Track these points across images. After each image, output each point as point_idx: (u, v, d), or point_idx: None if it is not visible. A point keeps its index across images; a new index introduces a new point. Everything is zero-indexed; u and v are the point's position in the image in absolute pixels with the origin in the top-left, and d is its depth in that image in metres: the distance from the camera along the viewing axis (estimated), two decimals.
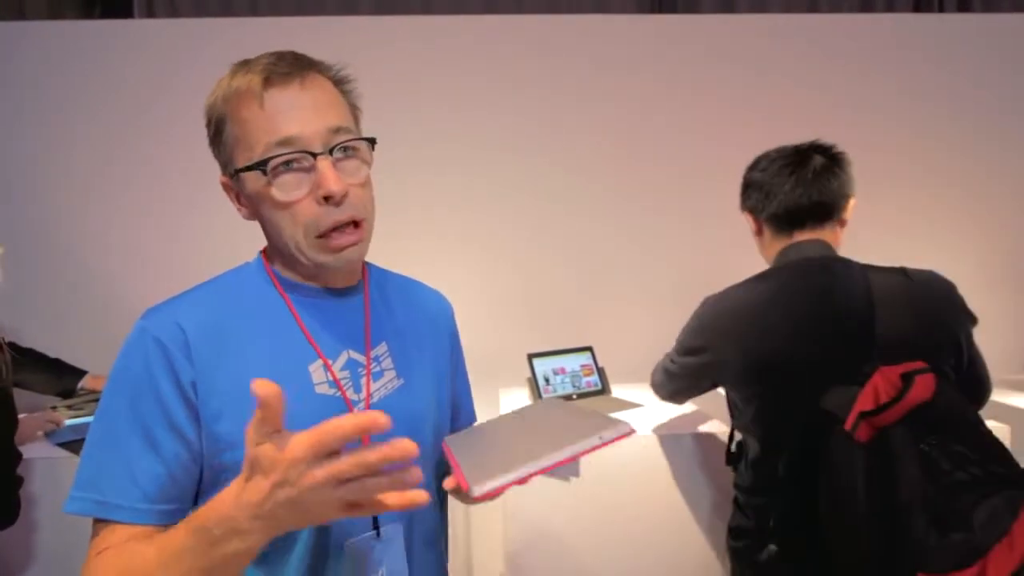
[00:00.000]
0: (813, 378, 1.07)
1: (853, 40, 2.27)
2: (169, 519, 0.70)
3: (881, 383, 1.00)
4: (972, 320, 1.16)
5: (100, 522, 0.69)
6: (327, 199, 0.71)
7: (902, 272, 1.13)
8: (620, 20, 2.29)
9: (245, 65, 0.74)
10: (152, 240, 2.18)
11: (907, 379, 0.98)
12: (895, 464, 0.96)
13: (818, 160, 1.19)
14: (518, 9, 2.42)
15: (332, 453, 0.52)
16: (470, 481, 0.58)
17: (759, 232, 1.27)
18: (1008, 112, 2.29)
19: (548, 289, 2.26)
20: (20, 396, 1.75)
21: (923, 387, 0.98)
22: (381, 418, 0.50)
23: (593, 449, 0.58)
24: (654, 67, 2.24)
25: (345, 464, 0.51)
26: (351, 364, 0.79)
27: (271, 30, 2.16)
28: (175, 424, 0.70)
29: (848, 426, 0.99)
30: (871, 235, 2.21)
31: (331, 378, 0.77)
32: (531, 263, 2.26)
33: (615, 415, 1.64)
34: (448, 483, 0.69)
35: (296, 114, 0.71)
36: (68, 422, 1.70)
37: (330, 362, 0.77)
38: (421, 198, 2.19)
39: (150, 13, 2.43)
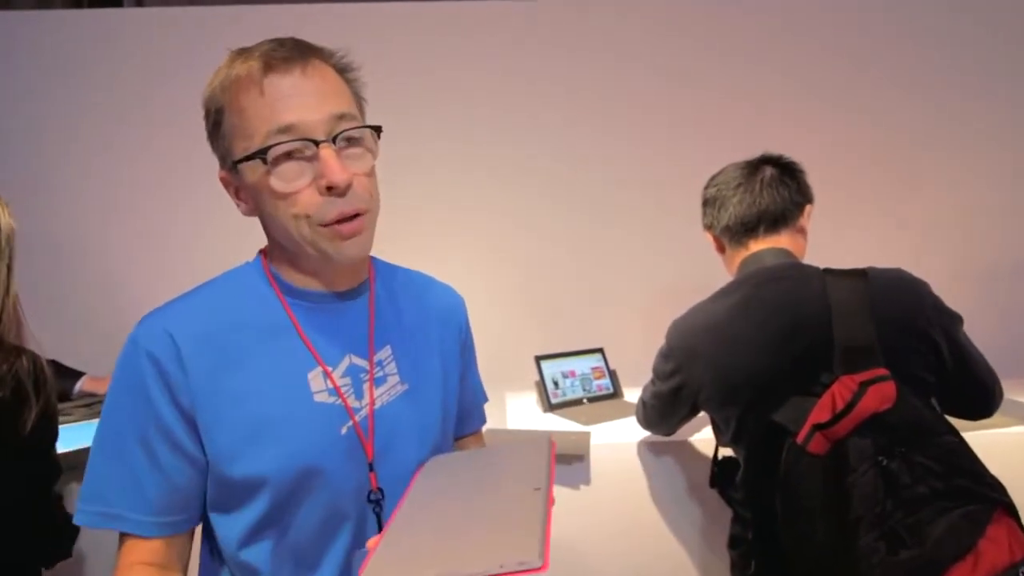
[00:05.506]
0: (779, 392, 1.08)
1: (868, 31, 2.24)
2: (175, 530, 0.75)
3: (839, 393, 0.99)
4: (952, 319, 1.15)
5: (123, 534, 0.75)
6: (330, 189, 0.71)
7: (862, 274, 1.12)
8: (633, 5, 2.26)
9: (244, 52, 0.74)
10: (145, 236, 2.19)
11: (865, 388, 0.98)
12: (848, 478, 0.96)
13: (768, 171, 1.26)
14: None
15: None
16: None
17: (720, 248, 1.34)
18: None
19: (557, 288, 2.24)
20: None
21: (877, 396, 0.97)
22: None
23: None
24: (665, 59, 2.22)
25: None
26: (353, 370, 0.80)
27: (264, 19, 2.16)
28: (175, 441, 0.73)
29: (800, 439, 0.99)
30: (885, 232, 2.24)
31: (331, 385, 0.78)
32: (539, 260, 2.24)
33: (623, 421, 1.70)
34: (370, 542, 0.68)
35: (298, 100, 0.71)
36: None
37: (330, 369, 0.78)
38: (423, 194, 2.18)
39: (138, 2, 2.42)
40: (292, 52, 0.72)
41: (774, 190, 1.25)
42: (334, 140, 0.71)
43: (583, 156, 2.23)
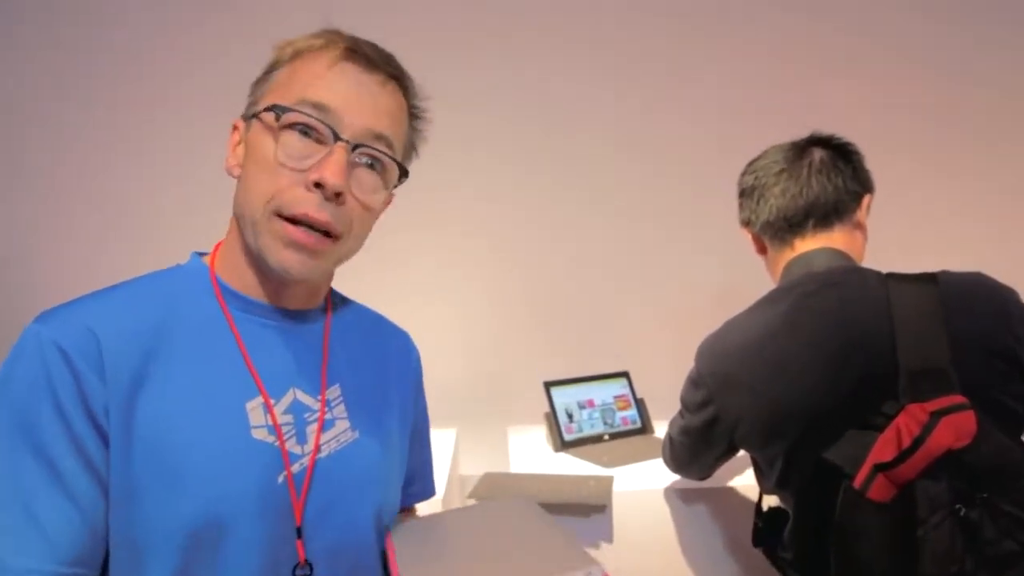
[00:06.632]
0: (832, 425, 1.00)
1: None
2: None
3: (906, 425, 0.91)
4: None
5: None
6: (317, 186, 0.69)
7: (932, 279, 1.03)
8: None
9: (338, 33, 0.76)
10: (80, 241, 2.04)
11: (937, 419, 0.91)
12: (918, 530, 0.89)
13: (817, 154, 1.18)
14: None
15: None
16: None
17: (761, 249, 1.26)
18: None
19: (572, 298, 2.13)
20: None
21: (952, 429, 0.89)
22: None
23: None
24: (706, 21, 2.10)
25: None
26: (296, 407, 0.75)
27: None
28: (88, 459, 0.63)
29: (858, 482, 0.91)
30: (954, 228, 2.11)
31: (270, 422, 0.72)
32: (550, 264, 2.14)
33: (653, 463, 1.58)
34: None
35: (353, 97, 0.71)
36: None
37: (272, 402, 0.73)
38: (410, 183, 2.01)
39: None
40: (381, 62, 0.74)
41: (825, 177, 1.16)
42: (354, 148, 0.71)
43: (602, 138, 2.11)
